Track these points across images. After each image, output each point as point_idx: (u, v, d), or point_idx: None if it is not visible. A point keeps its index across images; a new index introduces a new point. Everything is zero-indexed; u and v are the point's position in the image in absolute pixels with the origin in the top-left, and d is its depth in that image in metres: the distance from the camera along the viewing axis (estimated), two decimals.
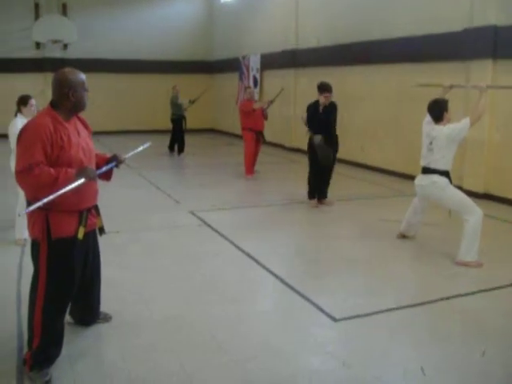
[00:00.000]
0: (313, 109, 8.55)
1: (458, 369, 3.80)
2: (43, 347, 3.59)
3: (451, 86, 6.59)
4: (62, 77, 3.62)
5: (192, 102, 14.68)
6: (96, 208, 3.91)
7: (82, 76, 3.71)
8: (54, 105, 3.63)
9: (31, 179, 3.35)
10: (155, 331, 4.29)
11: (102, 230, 4.04)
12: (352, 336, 4.30)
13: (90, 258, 3.97)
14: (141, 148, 4.18)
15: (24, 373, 3.60)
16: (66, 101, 3.61)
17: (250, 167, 11.24)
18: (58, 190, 3.36)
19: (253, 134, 11.18)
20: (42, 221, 3.51)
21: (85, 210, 3.73)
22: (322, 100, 8.45)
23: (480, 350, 4.00)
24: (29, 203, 3.53)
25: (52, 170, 3.40)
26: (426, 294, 5.10)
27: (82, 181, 3.45)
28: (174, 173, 12.98)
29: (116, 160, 3.93)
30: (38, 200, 3.36)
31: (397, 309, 4.77)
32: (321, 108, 8.47)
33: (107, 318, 4.43)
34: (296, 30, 15.07)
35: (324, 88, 8.48)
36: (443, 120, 6.09)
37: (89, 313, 4.29)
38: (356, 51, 12.35)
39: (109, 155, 4.02)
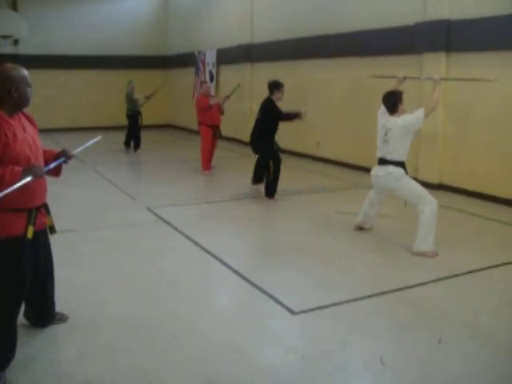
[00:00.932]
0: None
1: (416, 358, 3.84)
2: None
3: (405, 78, 6.67)
4: (2, 73, 3.52)
5: (148, 97, 14.52)
6: (45, 206, 3.82)
7: (24, 71, 3.62)
8: None
9: None
10: (113, 330, 4.22)
11: (52, 229, 3.96)
12: (311, 329, 4.31)
13: (41, 258, 3.88)
14: (90, 142, 4.09)
15: None
16: (9, 97, 3.51)
17: (207, 163, 11.18)
18: (3, 189, 3.26)
19: (209, 129, 11.13)
20: None
21: (33, 208, 3.64)
22: (281, 96, 8.65)
23: (437, 338, 4.06)
24: None
25: None
26: (383, 285, 5.14)
27: (28, 179, 3.35)
28: (131, 169, 12.83)
29: (65, 156, 3.85)
30: None
31: (355, 300, 4.80)
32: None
33: (64, 319, 4.33)
34: (251, 25, 15.03)
35: (280, 84, 8.67)
36: (398, 111, 6.14)
37: (44, 314, 4.18)
38: (311, 45, 12.38)
39: (57, 151, 3.92)
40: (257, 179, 9.30)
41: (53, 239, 3.84)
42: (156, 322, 4.37)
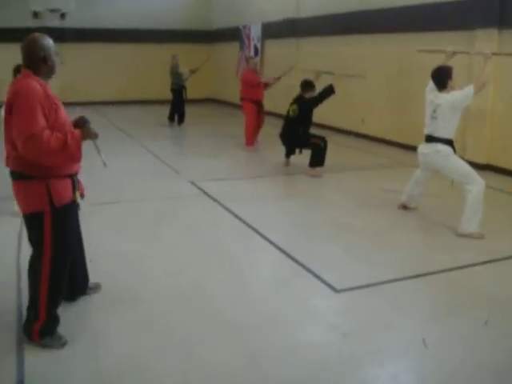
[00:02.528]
0: None
1: (460, 340, 3.78)
2: (52, 313, 3.61)
3: (454, 53, 6.48)
4: (36, 41, 3.52)
5: (193, 71, 14.46)
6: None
7: (51, 40, 3.63)
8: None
9: (41, 145, 3.25)
10: (155, 302, 4.27)
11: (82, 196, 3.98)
12: (353, 307, 4.28)
13: (76, 225, 3.95)
14: (102, 156, 3.83)
15: (30, 344, 3.58)
16: (43, 65, 3.52)
17: (251, 139, 11.17)
18: (68, 153, 3.33)
19: (253, 104, 11.10)
20: (43, 190, 3.43)
21: (74, 174, 3.70)
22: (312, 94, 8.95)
23: (483, 321, 3.98)
24: (22, 175, 3.43)
25: (58, 133, 3.34)
26: (428, 266, 5.07)
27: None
28: (175, 143, 12.90)
29: (86, 121, 3.73)
30: (39, 170, 3.35)
31: (399, 280, 4.74)
32: None
33: (97, 288, 4.38)
34: None
35: (313, 84, 9.01)
36: (447, 87, 5.99)
37: (79, 282, 4.19)
38: (358, 20, 12.13)
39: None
40: (290, 152, 9.31)
41: (97, 210, 3.89)
42: (198, 294, 4.41)
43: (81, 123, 3.72)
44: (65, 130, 3.43)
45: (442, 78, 6.01)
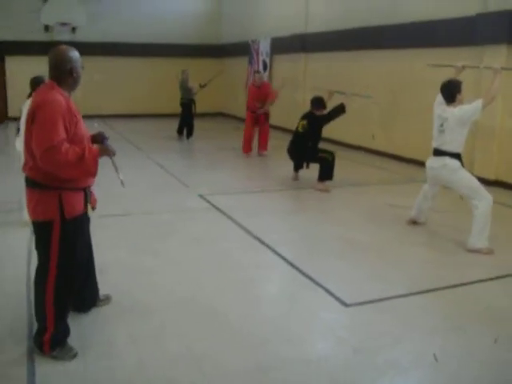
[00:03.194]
0: None
1: (471, 356, 3.76)
2: (60, 325, 3.61)
3: (463, 67, 6.50)
4: (63, 53, 3.56)
5: (202, 86, 14.58)
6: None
7: (78, 53, 3.66)
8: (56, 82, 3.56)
9: (59, 158, 3.27)
10: (164, 314, 4.28)
11: (93, 208, 4.00)
12: (363, 322, 4.27)
13: (86, 237, 3.96)
14: (120, 175, 3.81)
15: (41, 355, 3.59)
16: (69, 77, 3.56)
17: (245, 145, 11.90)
18: (85, 168, 3.36)
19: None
20: (55, 201, 3.46)
21: (88, 187, 3.73)
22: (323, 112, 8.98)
23: (493, 338, 3.97)
24: (36, 184, 3.46)
25: (76, 147, 3.37)
26: (437, 281, 5.06)
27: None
28: (183, 156, 12.94)
29: (104, 137, 3.76)
30: (53, 180, 3.39)
31: (408, 295, 4.74)
32: None
33: (108, 300, 4.39)
34: (306, 14, 14.91)
35: (324, 102, 9.01)
36: (455, 101, 6.00)
37: (90, 296, 4.22)
38: (366, 36, 12.20)
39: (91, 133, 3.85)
40: (298, 167, 9.34)
41: (106, 222, 3.92)
42: (207, 307, 4.41)
43: (99, 139, 3.76)
44: (83, 145, 3.46)
45: (450, 91, 6.02)
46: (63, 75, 3.54)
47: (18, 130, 6.36)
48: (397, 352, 3.81)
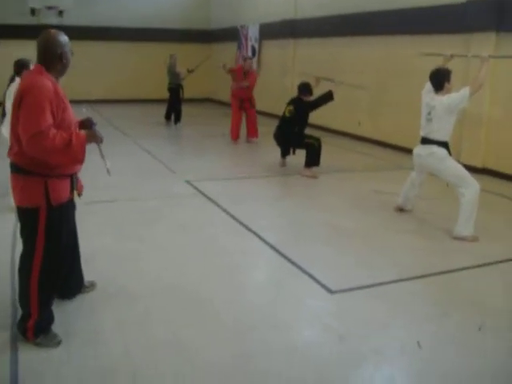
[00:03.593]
0: None
1: (454, 343, 3.79)
2: (45, 312, 3.60)
3: (452, 56, 6.52)
4: (53, 38, 3.51)
5: (190, 71, 14.43)
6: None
7: (67, 38, 3.61)
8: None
9: (45, 143, 3.23)
10: (150, 301, 4.26)
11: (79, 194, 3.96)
12: (348, 309, 4.28)
13: (72, 224, 3.93)
14: (107, 163, 3.77)
15: (24, 342, 3.57)
16: (58, 63, 3.51)
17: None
18: (72, 154, 3.32)
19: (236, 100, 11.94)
20: (41, 187, 3.42)
21: (75, 173, 3.69)
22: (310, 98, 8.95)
23: (477, 325, 3.99)
24: (21, 170, 3.42)
25: (63, 133, 3.33)
26: (422, 268, 5.08)
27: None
28: (171, 142, 12.88)
29: (92, 123, 3.71)
30: (39, 166, 3.35)
31: (393, 282, 4.75)
32: None
33: (93, 286, 4.38)
34: (295, 0, 14.83)
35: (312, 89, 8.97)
36: (443, 90, 6.00)
37: (76, 282, 4.20)
38: (355, 22, 12.16)
39: (79, 119, 3.80)
40: (285, 153, 9.34)
41: (92, 209, 3.89)
42: (193, 293, 4.41)
43: (87, 125, 3.71)
44: (71, 131, 3.43)
45: (439, 79, 6.02)
46: (52, 60, 3.49)
47: (4, 115, 6.29)
48: (381, 339, 3.82)
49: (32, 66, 6.10)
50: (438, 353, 3.65)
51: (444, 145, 6.02)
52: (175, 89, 14.39)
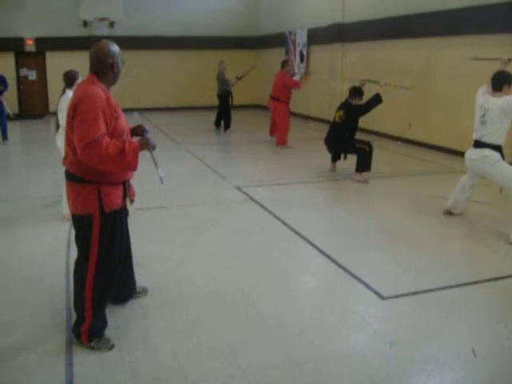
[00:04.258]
0: None
1: (510, 352, 3.68)
2: (98, 317, 3.67)
3: (510, 59, 6.34)
4: (106, 48, 3.59)
5: (239, 77, 14.55)
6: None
7: (119, 48, 3.69)
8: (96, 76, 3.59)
9: (99, 152, 3.30)
10: (200, 306, 4.29)
11: (132, 201, 4.02)
12: (400, 315, 4.21)
13: (125, 230, 3.98)
14: (159, 171, 3.73)
15: (79, 345, 3.65)
16: (110, 72, 3.59)
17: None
18: (124, 162, 3.37)
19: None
20: (95, 194, 3.50)
21: (127, 180, 3.76)
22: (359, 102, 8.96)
23: None
24: (76, 178, 3.51)
25: (117, 141, 3.39)
26: (477, 274, 4.97)
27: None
28: (221, 149, 12.96)
29: (144, 130, 3.80)
30: (93, 174, 3.43)
31: (446, 288, 4.65)
32: None
33: (145, 292, 4.45)
34: (343, 4, 14.72)
35: (363, 92, 8.96)
36: (501, 91, 5.87)
37: (127, 286, 4.26)
38: (405, 24, 11.98)
39: (131, 126, 3.88)
40: (336, 158, 9.33)
41: (143, 215, 3.95)
42: (242, 299, 4.42)
43: (139, 132, 3.79)
44: (123, 138, 3.50)
45: (499, 80, 5.90)
46: (104, 70, 3.58)
47: (58, 126, 6.44)
48: (435, 346, 3.74)
49: (80, 77, 6.28)
50: (494, 361, 3.55)
51: (497, 148, 5.88)
52: (224, 95, 14.48)
